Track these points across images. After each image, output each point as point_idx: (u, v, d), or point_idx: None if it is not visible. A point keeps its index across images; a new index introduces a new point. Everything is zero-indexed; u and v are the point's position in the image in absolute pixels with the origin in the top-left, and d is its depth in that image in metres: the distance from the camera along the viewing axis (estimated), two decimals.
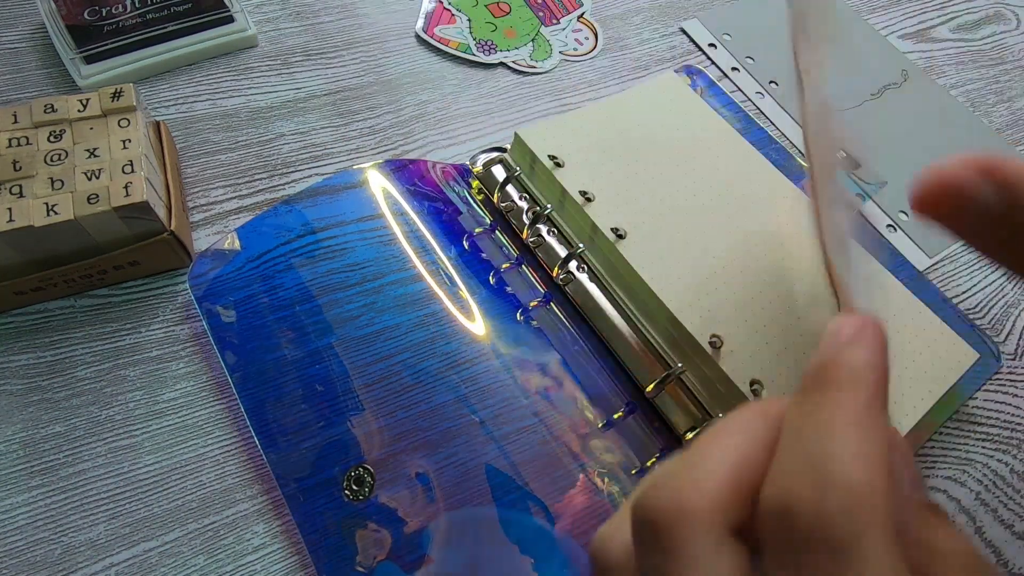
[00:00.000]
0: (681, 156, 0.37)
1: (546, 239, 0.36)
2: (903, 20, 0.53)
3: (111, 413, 0.30)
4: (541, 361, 0.32)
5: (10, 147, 0.31)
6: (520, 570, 0.27)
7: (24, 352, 0.31)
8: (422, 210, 0.36)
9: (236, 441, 0.30)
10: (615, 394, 0.32)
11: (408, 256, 0.34)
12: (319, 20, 0.45)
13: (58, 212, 0.29)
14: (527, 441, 0.30)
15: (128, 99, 0.32)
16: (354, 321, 0.32)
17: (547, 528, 0.28)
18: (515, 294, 0.34)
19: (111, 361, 0.31)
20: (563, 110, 0.44)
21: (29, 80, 0.39)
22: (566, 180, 0.35)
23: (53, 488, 0.28)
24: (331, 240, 0.34)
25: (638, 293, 0.33)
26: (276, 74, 0.42)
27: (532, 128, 0.37)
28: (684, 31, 0.49)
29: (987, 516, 0.32)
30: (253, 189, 0.37)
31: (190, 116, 0.39)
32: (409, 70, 0.44)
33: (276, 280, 0.33)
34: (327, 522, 0.28)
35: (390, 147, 0.40)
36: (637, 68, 0.47)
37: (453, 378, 0.31)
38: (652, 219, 0.34)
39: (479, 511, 0.28)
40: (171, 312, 0.33)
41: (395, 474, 0.29)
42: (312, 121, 0.40)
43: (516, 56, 0.45)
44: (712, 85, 0.46)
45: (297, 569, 0.28)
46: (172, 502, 0.29)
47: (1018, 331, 0.38)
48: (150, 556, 0.27)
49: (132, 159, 0.31)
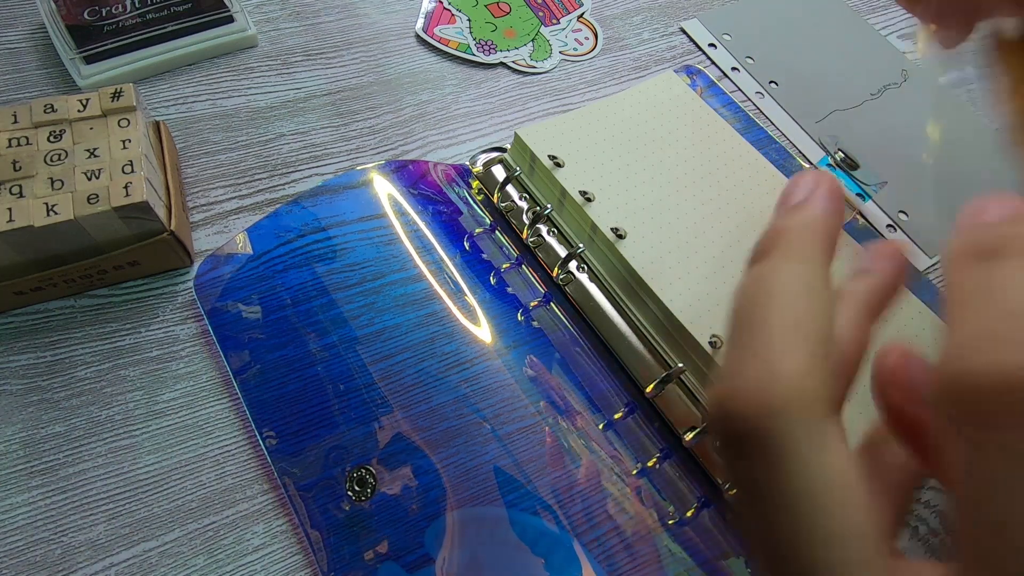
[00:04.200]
0: (681, 156, 0.37)
1: (546, 239, 0.36)
2: (903, 20, 0.53)
3: (111, 413, 0.30)
4: (541, 361, 0.32)
5: (10, 147, 0.31)
6: (531, 570, 0.27)
7: (24, 352, 0.31)
8: (423, 210, 0.36)
9: (236, 441, 0.30)
10: (615, 394, 0.32)
11: (408, 256, 0.34)
12: (319, 20, 0.45)
13: (58, 212, 0.29)
14: (528, 441, 0.30)
15: (128, 99, 0.32)
16: (354, 321, 0.32)
17: (552, 528, 0.28)
18: (515, 294, 0.34)
19: (111, 361, 0.31)
20: (563, 110, 0.44)
21: (29, 80, 0.39)
22: (566, 180, 0.35)
23: (53, 488, 0.28)
24: (331, 240, 0.34)
25: (638, 293, 0.33)
26: (276, 74, 0.42)
27: (532, 128, 0.37)
28: (684, 31, 0.49)
29: None
30: (253, 189, 0.37)
31: (190, 116, 0.39)
32: (409, 70, 0.44)
33: (276, 280, 0.33)
34: (329, 522, 0.28)
35: (390, 147, 0.40)
36: (637, 68, 0.47)
37: (453, 378, 0.31)
38: (652, 219, 0.34)
39: (482, 511, 0.28)
40: (171, 312, 0.33)
41: (397, 474, 0.29)
42: (312, 121, 0.40)
43: (516, 56, 0.45)
44: (712, 85, 0.46)
45: (297, 569, 0.28)
46: (172, 502, 0.29)
47: None
48: (150, 556, 0.27)
49: (132, 159, 0.31)
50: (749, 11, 0.51)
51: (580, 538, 0.28)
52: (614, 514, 0.29)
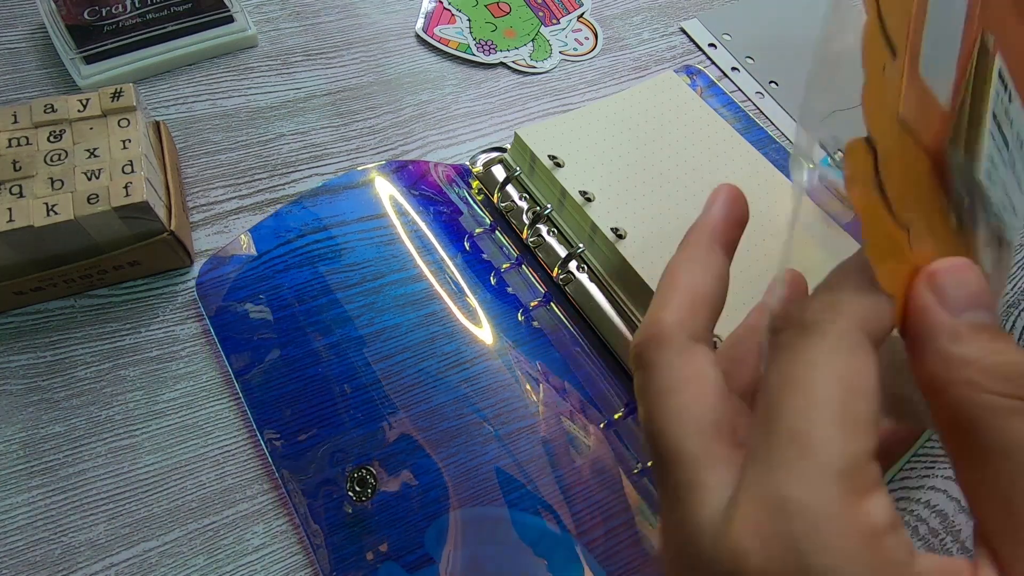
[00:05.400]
0: (681, 156, 0.37)
1: (546, 239, 0.36)
2: None
3: (111, 413, 0.30)
4: (541, 361, 0.32)
5: (10, 147, 0.31)
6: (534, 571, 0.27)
7: (24, 352, 0.31)
8: (423, 210, 0.36)
9: (236, 441, 0.30)
10: (615, 394, 0.32)
11: (409, 256, 0.34)
12: (319, 20, 0.45)
13: (58, 212, 0.29)
14: (528, 441, 0.30)
15: (128, 99, 0.32)
16: (354, 321, 0.32)
17: (553, 528, 0.28)
18: (515, 294, 0.34)
19: (111, 361, 0.31)
20: (563, 110, 0.44)
21: (29, 80, 0.39)
22: (566, 180, 0.35)
23: (53, 488, 0.28)
24: (331, 240, 0.34)
25: (638, 293, 0.33)
26: (276, 74, 0.42)
27: (532, 128, 0.37)
28: (684, 31, 0.49)
29: None
30: (253, 189, 0.37)
31: (190, 116, 0.39)
32: (409, 70, 0.44)
33: (277, 280, 0.33)
34: (330, 522, 0.28)
35: (390, 147, 0.40)
36: (637, 68, 0.47)
37: (454, 378, 0.31)
38: (652, 219, 0.34)
39: (483, 511, 0.28)
40: (171, 312, 0.33)
41: (397, 474, 0.29)
42: (312, 121, 0.40)
43: (516, 56, 0.45)
44: (712, 85, 0.46)
45: (297, 569, 0.28)
46: (172, 502, 0.29)
47: (1018, 331, 0.38)
48: (150, 556, 0.27)
49: (132, 159, 0.31)
50: (749, 11, 0.51)
51: (581, 538, 0.28)
52: (615, 514, 0.29)
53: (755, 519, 0.14)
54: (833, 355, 0.15)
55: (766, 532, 0.14)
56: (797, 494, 0.14)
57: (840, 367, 0.15)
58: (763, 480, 0.15)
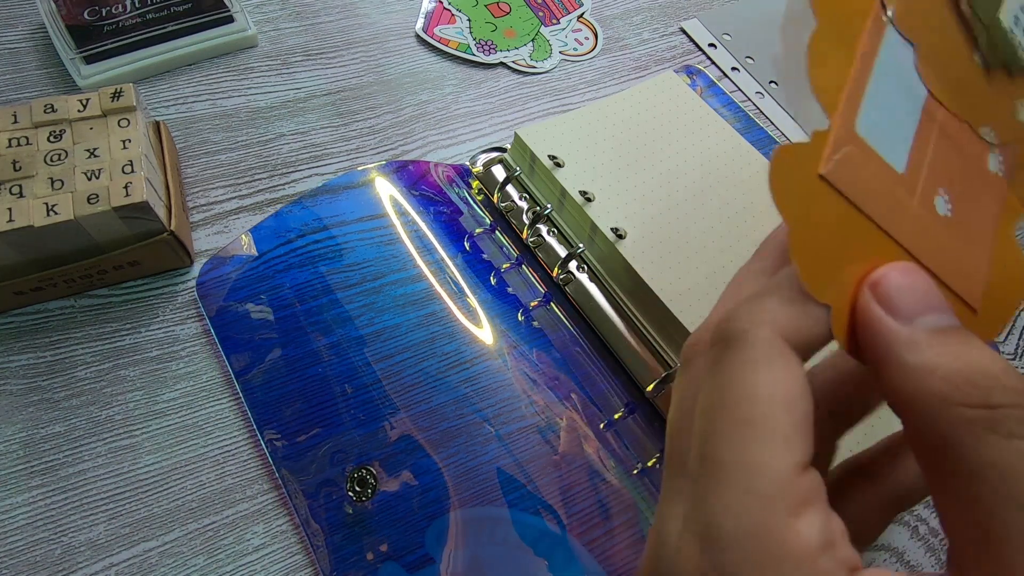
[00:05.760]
0: (681, 156, 0.37)
1: (546, 239, 0.36)
2: None
3: (111, 413, 0.30)
4: (542, 361, 0.32)
5: (10, 147, 0.31)
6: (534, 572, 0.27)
7: (24, 352, 0.31)
8: (423, 210, 0.36)
9: (236, 441, 0.30)
10: (615, 394, 0.32)
11: (409, 256, 0.34)
12: (319, 20, 0.45)
13: (58, 212, 0.29)
14: (528, 441, 0.30)
15: (128, 99, 0.32)
16: (354, 321, 0.32)
17: (554, 528, 0.28)
18: (516, 294, 0.34)
19: (111, 361, 0.31)
20: (563, 110, 0.44)
21: (29, 80, 0.39)
22: (566, 180, 0.35)
23: (53, 488, 0.28)
24: (332, 240, 0.34)
25: (638, 293, 0.33)
26: (276, 74, 0.42)
27: (532, 128, 0.37)
28: (684, 31, 0.49)
29: None
30: (253, 189, 0.37)
31: (190, 116, 0.39)
32: (409, 70, 0.44)
33: (277, 280, 0.33)
34: (330, 522, 0.28)
35: (390, 147, 0.40)
36: (637, 68, 0.47)
37: (454, 378, 0.31)
38: (652, 219, 0.34)
39: (483, 511, 0.28)
40: (171, 312, 0.33)
41: (397, 474, 0.29)
42: (312, 121, 0.40)
43: (516, 56, 0.45)
44: (712, 85, 0.46)
45: (297, 569, 0.28)
46: (172, 502, 0.29)
47: (1018, 331, 0.38)
48: (150, 556, 0.27)
49: (132, 159, 0.31)
50: (749, 11, 0.51)
51: (581, 538, 0.28)
52: (615, 514, 0.29)
53: (693, 553, 0.14)
54: (749, 370, 0.14)
55: (705, 567, 0.14)
56: (726, 524, 0.14)
57: (758, 382, 0.14)
58: (697, 511, 0.14)
